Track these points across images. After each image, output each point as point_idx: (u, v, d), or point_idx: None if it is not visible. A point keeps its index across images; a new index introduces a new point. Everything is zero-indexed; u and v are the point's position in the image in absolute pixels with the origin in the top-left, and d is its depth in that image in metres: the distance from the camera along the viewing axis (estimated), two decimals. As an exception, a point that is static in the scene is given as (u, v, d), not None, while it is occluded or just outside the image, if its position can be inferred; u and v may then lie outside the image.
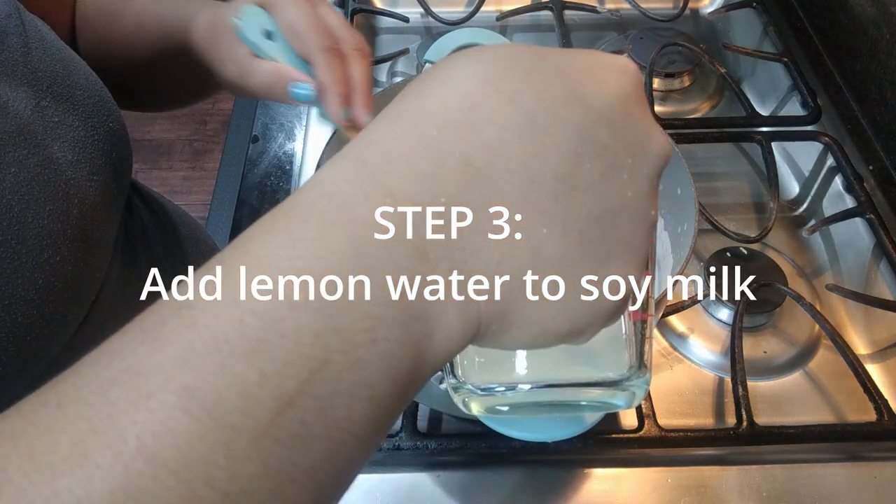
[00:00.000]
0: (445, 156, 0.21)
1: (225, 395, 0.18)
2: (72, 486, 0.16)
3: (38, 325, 0.35)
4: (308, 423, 0.18)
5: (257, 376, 0.18)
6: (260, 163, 0.74)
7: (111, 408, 0.17)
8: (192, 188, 1.96)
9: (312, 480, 0.19)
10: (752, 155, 0.77)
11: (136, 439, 0.17)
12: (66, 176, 0.37)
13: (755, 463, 0.54)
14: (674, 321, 0.63)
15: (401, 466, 0.54)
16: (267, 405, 0.18)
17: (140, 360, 0.18)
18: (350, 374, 0.19)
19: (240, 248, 0.20)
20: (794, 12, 0.89)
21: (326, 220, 0.20)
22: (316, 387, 0.18)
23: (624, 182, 0.23)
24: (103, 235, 0.41)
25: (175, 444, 0.17)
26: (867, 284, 0.66)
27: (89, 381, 0.18)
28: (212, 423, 0.17)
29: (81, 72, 0.42)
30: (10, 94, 0.36)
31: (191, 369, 0.18)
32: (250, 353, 0.18)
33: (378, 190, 0.20)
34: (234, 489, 0.17)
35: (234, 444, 0.17)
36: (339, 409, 0.19)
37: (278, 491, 0.18)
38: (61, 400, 0.18)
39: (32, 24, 0.40)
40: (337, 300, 0.19)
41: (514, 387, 0.28)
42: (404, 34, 0.90)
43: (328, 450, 0.19)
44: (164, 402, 0.17)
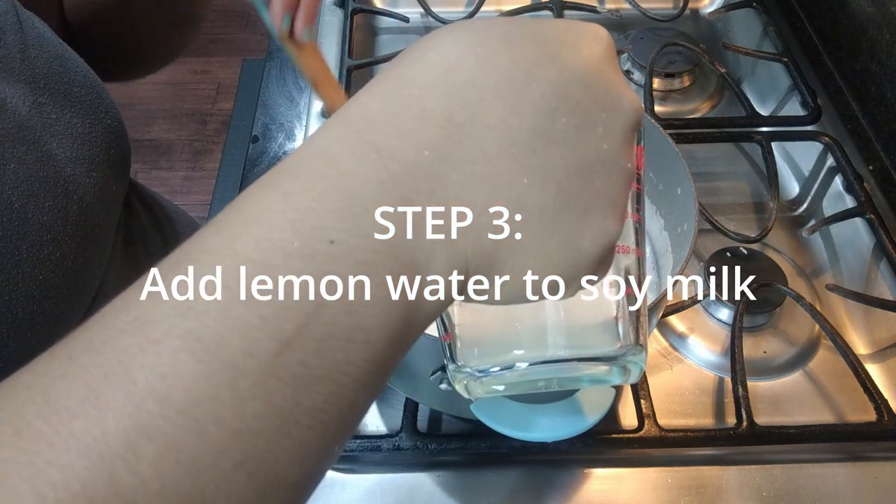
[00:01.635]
0: (427, 113, 0.22)
1: (227, 338, 0.19)
2: (88, 426, 0.17)
3: (38, 321, 0.35)
4: (308, 364, 0.19)
5: (257, 319, 0.19)
6: (260, 163, 0.74)
7: (121, 354, 0.18)
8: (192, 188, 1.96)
9: (317, 421, 0.20)
10: (752, 155, 0.77)
11: (146, 381, 0.18)
12: (64, 172, 0.38)
13: (755, 463, 0.54)
14: (674, 321, 0.63)
15: (401, 466, 0.54)
16: (267, 346, 0.19)
17: (146, 311, 0.19)
18: (345, 318, 0.20)
19: (235, 206, 0.21)
20: (794, 12, 0.89)
21: (316, 175, 0.21)
22: (313, 329, 0.19)
23: (598, 135, 0.24)
24: (102, 231, 0.41)
25: (182, 384, 0.18)
26: (867, 284, 0.66)
27: (99, 332, 0.19)
28: (216, 363, 0.18)
29: (79, 69, 0.42)
30: (7, 92, 0.36)
31: (194, 315, 0.19)
32: (249, 298, 0.19)
33: (364, 147, 0.22)
34: (241, 426, 0.18)
35: (238, 383, 0.18)
36: (337, 351, 0.20)
37: (284, 430, 0.19)
38: (72, 352, 0.19)
39: (30, 21, 0.40)
40: (328, 248, 0.20)
41: (511, 366, 0.28)
42: (404, 34, 0.90)
43: (330, 391, 0.20)
44: (170, 347, 0.18)
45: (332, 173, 0.21)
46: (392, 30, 0.91)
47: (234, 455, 0.18)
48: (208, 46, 2.24)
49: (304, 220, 0.20)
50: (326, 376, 0.20)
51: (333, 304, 0.20)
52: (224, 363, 0.18)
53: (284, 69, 0.84)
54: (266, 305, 0.19)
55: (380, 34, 0.92)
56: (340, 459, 0.54)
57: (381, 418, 0.57)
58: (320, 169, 0.21)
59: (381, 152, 0.22)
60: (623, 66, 0.85)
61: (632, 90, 0.25)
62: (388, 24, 0.91)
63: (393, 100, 0.23)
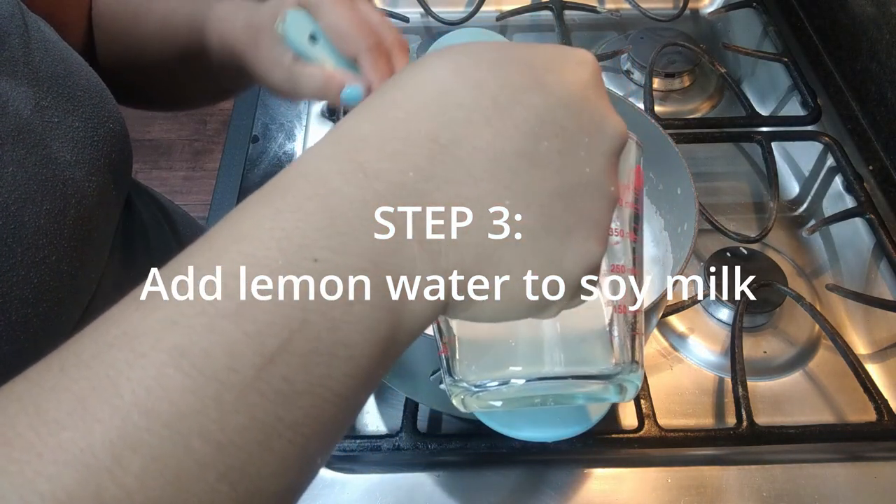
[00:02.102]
0: (414, 135, 0.23)
1: (212, 353, 0.19)
2: (75, 437, 0.18)
3: (34, 324, 0.35)
4: (291, 380, 0.20)
5: (241, 335, 0.19)
6: (260, 163, 0.74)
7: (109, 368, 0.19)
8: (192, 188, 1.96)
9: (298, 435, 0.20)
10: (752, 155, 0.77)
11: (132, 394, 0.18)
12: (64, 175, 0.37)
13: (755, 463, 0.54)
14: (674, 321, 0.63)
15: (401, 466, 0.54)
16: (251, 361, 0.19)
17: (133, 325, 0.20)
18: (328, 334, 0.20)
19: (229, 220, 0.22)
20: (794, 12, 0.89)
21: (304, 194, 0.22)
22: (296, 344, 0.20)
23: (581, 159, 0.24)
24: (100, 235, 0.41)
25: (168, 398, 0.18)
26: (867, 284, 0.66)
27: (88, 346, 0.20)
28: (201, 378, 0.19)
29: (83, 72, 0.42)
30: (10, 94, 0.36)
31: (180, 330, 0.19)
32: (234, 314, 0.20)
33: (351, 167, 0.22)
34: (225, 440, 0.19)
35: (222, 397, 0.19)
36: (320, 366, 0.20)
37: (266, 443, 0.19)
38: (64, 364, 0.19)
39: (35, 24, 0.40)
40: (313, 265, 0.21)
41: (507, 381, 0.29)
42: (404, 34, 0.90)
43: (312, 406, 0.20)
44: (156, 361, 0.19)
45: (319, 193, 0.22)
46: (392, 30, 0.91)
47: (217, 467, 0.19)
48: (208, 46, 2.24)
49: (291, 238, 0.21)
50: (309, 391, 0.20)
51: (317, 320, 0.20)
52: (208, 377, 0.19)
53: (284, 69, 0.84)
54: (250, 321, 0.20)
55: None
56: (340, 459, 0.54)
57: (381, 418, 0.57)
58: (308, 189, 0.22)
59: (367, 173, 0.22)
60: (623, 66, 0.85)
61: (616, 115, 0.26)
62: (388, 24, 0.91)
63: (382, 121, 0.23)
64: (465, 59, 0.24)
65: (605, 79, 0.86)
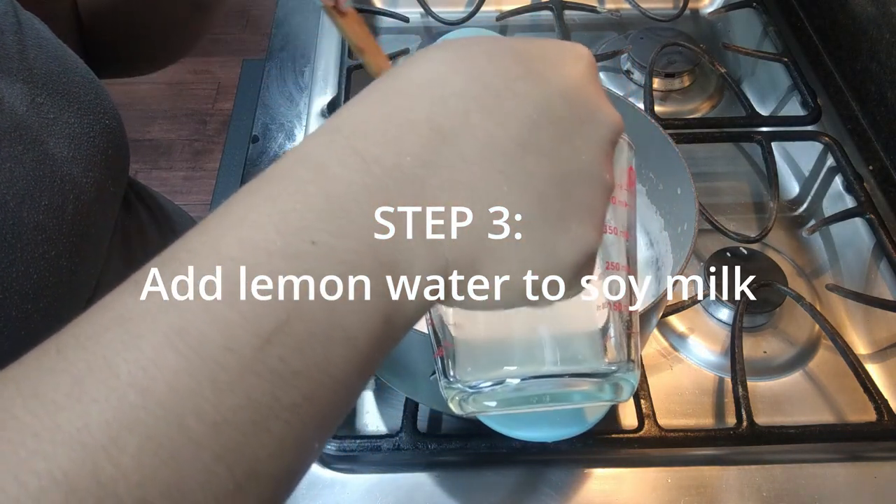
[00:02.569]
0: (412, 122, 0.23)
1: (208, 334, 0.19)
2: (72, 418, 0.18)
3: (33, 320, 0.35)
4: (287, 361, 0.20)
5: (238, 316, 0.20)
6: (260, 163, 0.74)
7: (105, 350, 0.19)
8: (192, 188, 1.96)
9: (295, 417, 0.20)
10: (752, 155, 0.77)
11: (129, 375, 0.18)
12: (61, 172, 0.38)
13: (755, 463, 0.54)
14: (674, 321, 0.63)
15: (401, 466, 0.54)
16: (248, 341, 0.19)
17: (130, 308, 0.20)
18: (325, 317, 0.21)
19: (224, 208, 0.22)
20: (794, 12, 0.89)
21: (302, 179, 0.22)
22: (293, 326, 0.20)
23: (577, 147, 0.25)
24: (99, 231, 0.41)
25: (164, 378, 0.19)
26: (867, 284, 0.66)
27: (85, 329, 0.20)
28: (197, 358, 0.19)
29: (78, 69, 0.42)
30: (5, 91, 0.36)
31: (177, 311, 0.19)
32: (231, 295, 0.20)
33: (349, 153, 0.22)
34: (220, 419, 0.19)
35: (218, 377, 0.19)
36: (317, 349, 0.20)
37: (263, 424, 0.19)
38: (60, 347, 0.20)
39: (29, 21, 0.40)
40: (312, 248, 0.21)
41: (502, 381, 0.29)
42: (404, 34, 0.90)
43: (308, 388, 0.20)
44: (152, 342, 0.19)
45: (317, 178, 0.22)
46: (392, 30, 0.91)
47: (213, 448, 0.19)
48: (208, 46, 2.24)
49: (288, 221, 0.21)
50: (305, 373, 0.20)
51: (314, 302, 0.20)
52: (204, 358, 0.19)
53: (284, 69, 0.84)
54: (247, 302, 0.20)
55: (380, 34, 0.92)
56: (340, 459, 0.54)
57: (381, 418, 0.57)
58: (306, 173, 0.22)
59: (365, 158, 0.22)
60: (623, 66, 0.85)
61: (611, 106, 0.26)
62: (388, 25, 0.91)
63: (381, 109, 0.24)
64: (462, 51, 0.25)
65: (605, 79, 0.86)
